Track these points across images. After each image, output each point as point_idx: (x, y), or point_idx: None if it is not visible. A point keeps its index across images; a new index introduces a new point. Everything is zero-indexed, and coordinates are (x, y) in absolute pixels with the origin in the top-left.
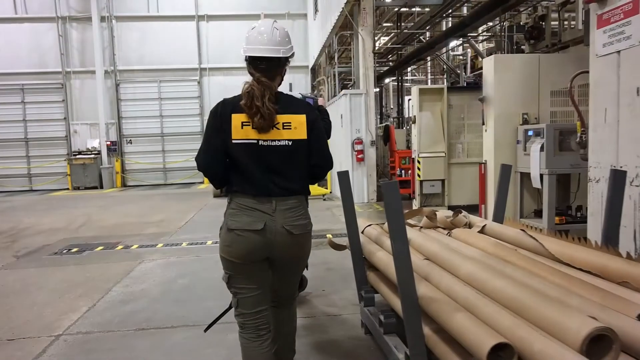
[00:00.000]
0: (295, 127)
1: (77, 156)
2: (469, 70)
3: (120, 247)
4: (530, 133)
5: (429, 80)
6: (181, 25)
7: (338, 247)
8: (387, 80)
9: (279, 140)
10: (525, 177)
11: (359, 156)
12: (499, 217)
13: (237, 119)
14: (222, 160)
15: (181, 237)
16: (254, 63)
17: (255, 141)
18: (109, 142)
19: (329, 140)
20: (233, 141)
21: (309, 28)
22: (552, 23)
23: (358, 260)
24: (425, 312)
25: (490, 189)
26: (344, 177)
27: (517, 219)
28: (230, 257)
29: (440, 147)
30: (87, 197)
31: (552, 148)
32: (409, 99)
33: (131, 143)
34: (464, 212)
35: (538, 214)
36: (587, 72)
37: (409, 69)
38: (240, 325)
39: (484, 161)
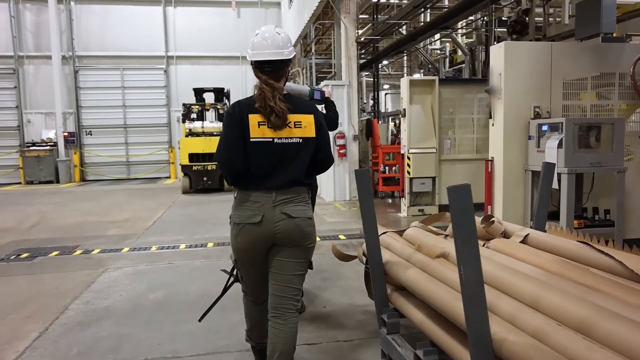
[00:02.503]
0: (305, 126)
1: (31, 148)
2: (447, 64)
3: (79, 251)
4: (544, 128)
5: (405, 75)
6: (146, 10)
7: (345, 258)
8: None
9: (291, 138)
10: (537, 176)
11: (341, 151)
12: (540, 225)
13: (254, 119)
14: (243, 157)
15: (150, 239)
16: (260, 66)
17: (271, 139)
18: (66, 133)
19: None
20: (251, 140)
21: (283, 18)
22: (536, 19)
23: (379, 277)
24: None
25: (498, 189)
26: (362, 175)
27: (527, 222)
28: (238, 247)
29: (431, 142)
30: (41, 193)
31: (571, 145)
32: (386, 94)
33: (91, 134)
34: (496, 217)
35: (550, 216)
36: None
37: (382, 63)
38: (244, 291)
39: (490, 158)
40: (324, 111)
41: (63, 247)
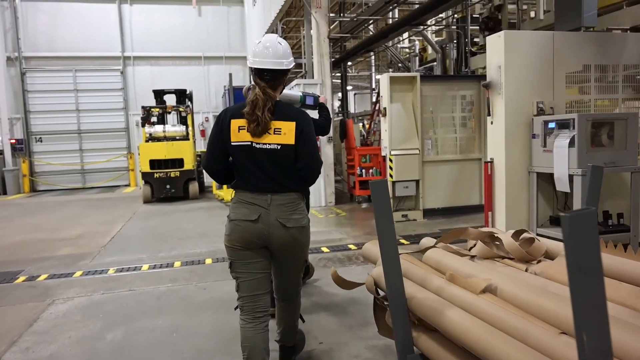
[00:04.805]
0: (285, 132)
1: None
2: (417, 63)
3: (22, 278)
4: (551, 125)
5: (373, 74)
6: (99, 8)
7: (348, 285)
8: None
9: (269, 144)
10: (542, 178)
11: None
12: None
13: (235, 123)
14: (223, 160)
15: (107, 259)
16: (259, 74)
17: (250, 143)
18: (13, 140)
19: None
20: (232, 143)
21: (247, 15)
22: (509, 15)
23: (401, 316)
24: None
25: (500, 193)
26: (379, 187)
27: (532, 228)
28: (230, 244)
29: (413, 143)
30: None
31: (584, 143)
32: (355, 93)
33: (41, 141)
34: (529, 233)
35: (555, 221)
36: None
37: (348, 64)
38: (240, 307)
39: (489, 159)
40: (317, 116)
41: (3, 273)
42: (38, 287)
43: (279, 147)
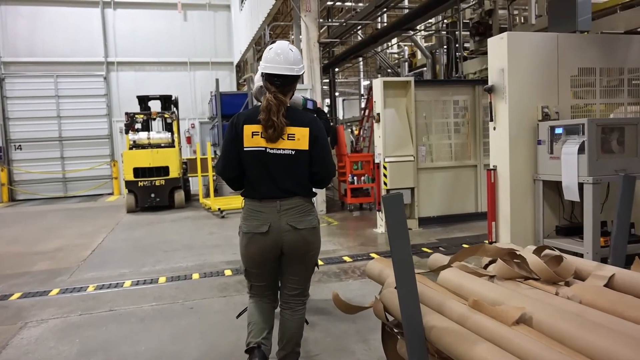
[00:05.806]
0: (299, 138)
1: None
2: (407, 68)
3: None
4: (558, 131)
5: (361, 80)
6: (82, 12)
7: (353, 310)
8: None
9: (283, 149)
10: (548, 186)
11: None
12: (619, 258)
13: (249, 129)
14: (237, 165)
15: (86, 275)
16: (270, 79)
17: (264, 149)
18: None
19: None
20: (244, 149)
21: (234, 20)
22: (499, 20)
23: (418, 347)
24: None
25: (504, 202)
26: (393, 203)
27: (539, 239)
28: (246, 255)
29: (408, 150)
30: None
31: (595, 150)
32: (344, 99)
33: (21, 149)
34: (553, 250)
35: (562, 231)
36: None
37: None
38: (251, 297)
39: (492, 167)
40: None
41: None
42: (10, 308)
43: (293, 152)
